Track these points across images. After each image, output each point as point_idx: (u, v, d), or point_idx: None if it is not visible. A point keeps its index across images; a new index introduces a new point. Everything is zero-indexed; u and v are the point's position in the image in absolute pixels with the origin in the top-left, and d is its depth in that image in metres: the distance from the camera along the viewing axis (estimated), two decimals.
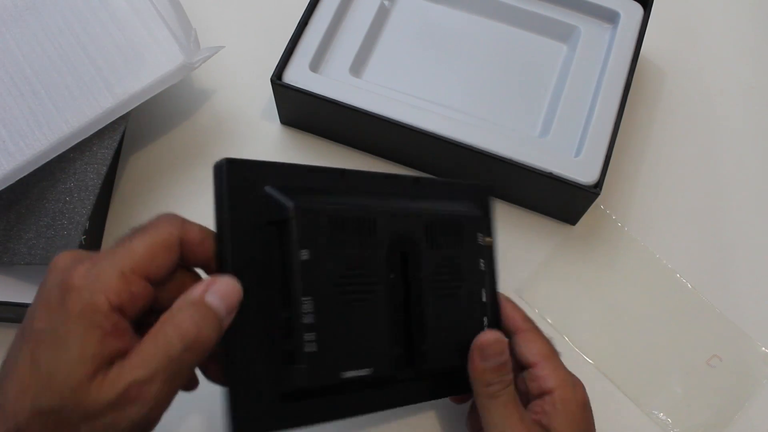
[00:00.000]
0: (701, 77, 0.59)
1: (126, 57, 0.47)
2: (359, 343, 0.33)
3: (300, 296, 0.31)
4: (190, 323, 0.27)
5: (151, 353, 0.27)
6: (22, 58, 0.45)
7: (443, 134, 0.48)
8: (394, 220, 0.36)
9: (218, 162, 0.32)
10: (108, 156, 0.46)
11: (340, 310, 0.32)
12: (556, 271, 0.51)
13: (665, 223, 0.53)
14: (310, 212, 0.32)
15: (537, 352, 0.38)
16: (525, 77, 0.54)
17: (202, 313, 0.28)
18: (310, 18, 0.52)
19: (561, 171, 0.47)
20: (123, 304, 0.27)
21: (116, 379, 0.26)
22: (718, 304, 0.50)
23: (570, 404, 0.37)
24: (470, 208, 0.41)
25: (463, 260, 0.39)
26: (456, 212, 0.40)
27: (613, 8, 0.54)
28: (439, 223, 0.38)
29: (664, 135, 0.56)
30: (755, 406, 0.47)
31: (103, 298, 0.27)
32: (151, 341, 0.27)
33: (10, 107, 0.44)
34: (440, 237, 0.38)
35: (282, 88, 0.50)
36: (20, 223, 0.44)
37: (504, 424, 0.35)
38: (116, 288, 0.27)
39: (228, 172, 0.31)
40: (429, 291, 0.37)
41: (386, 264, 0.35)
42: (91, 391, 0.26)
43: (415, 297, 0.36)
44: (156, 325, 0.28)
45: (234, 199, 0.31)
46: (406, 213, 0.37)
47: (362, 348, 0.33)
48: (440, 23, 0.56)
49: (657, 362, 0.48)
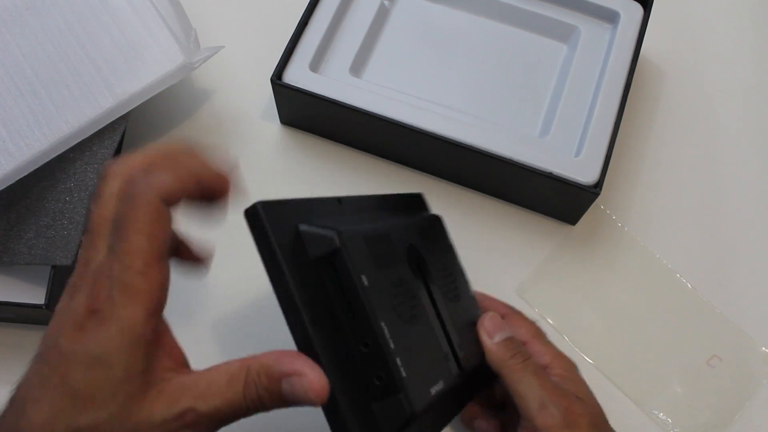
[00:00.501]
0: (701, 77, 0.59)
1: (126, 57, 0.47)
2: (428, 359, 0.33)
3: (378, 323, 0.29)
4: (262, 402, 0.27)
5: (219, 393, 0.27)
6: (23, 58, 0.45)
7: (443, 134, 0.48)
8: (401, 232, 0.36)
9: (252, 207, 0.29)
10: (108, 156, 0.46)
11: (404, 330, 0.31)
12: (556, 271, 0.51)
13: (665, 223, 0.53)
14: (352, 237, 0.30)
15: (525, 332, 0.40)
16: (525, 77, 0.54)
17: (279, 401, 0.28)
18: (310, 18, 0.53)
19: (561, 171, 0.47)
20: (156, 305, 0.27)
21: (176, 398, 0.26)
22: (718, 304, 0.50)
23: (572, 372, 0.39)
24: (433, 217, 0.42)
25: (449, 260, 0.41)
26: (423, 217, 0.41)
27: (613, 8, 0.54)
28: (423, 229, 0.39)
29: (664, 135, 0.56)
30: (755, 406, 0.47)
31: (140, 310, 0.26)
32: (226, 382, 0.27)
33: (10, 107, 0.44)
34: (430, 242, 0.39)
35: (282, 88, 0.50)
36: (20, 223, 0.44)
37: (543, 394, 0.35)
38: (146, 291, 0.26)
39: (267, 216, 0.29)
40: (442, 297, 0.37)
41: (414, 276, 0.35)
42: (144, 406, 0.26)
43: (439, 303, 0.36)
44: (238, 365, 0.27)
45: (280, 244, 0.29)
46: (402, 225, 0.37)
47: (431, 363, 0.33)
48: (440, 23, 0.56)
49: (657, 362, 0.48)
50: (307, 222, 0.30)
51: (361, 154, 0.54)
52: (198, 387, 0.27)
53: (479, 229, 0.52)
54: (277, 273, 0.29)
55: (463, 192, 0.53)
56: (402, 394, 0.29)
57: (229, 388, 0.27)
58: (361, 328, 0.29)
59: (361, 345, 0.29)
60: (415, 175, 0.54)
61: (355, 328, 0.29)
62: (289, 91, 0.50)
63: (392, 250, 0.34)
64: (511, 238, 0.51)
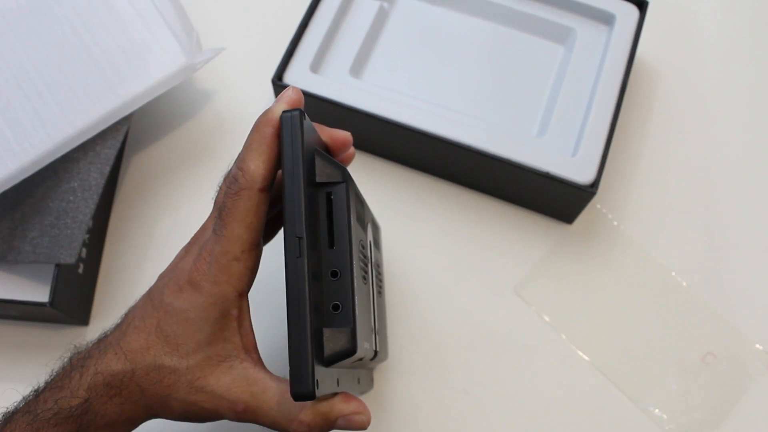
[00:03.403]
0: (696, 78, 0.59)
1: (129, 59, 0.47)
2: (365, 319, 0.33)
3: (352, 260, 0.30)
4: None
5: (270, 407, 0.31)
6: (27, 59, 0.46)
7: (442, 134, 0.48)
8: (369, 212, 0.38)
9: (292, 111, 0.30)
10: (111, 156, 0.47)
11: (361, 282, 0.32)
12: (552, 270, 0.51)
13: (660, 222, 0.53)
14: (352, 181, 0.32)
15: None
16: (522, 78, 0.54)
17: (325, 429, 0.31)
18: (311, 20, 0.53)
19: (558, 171, 0.47)
20: (244, 287, 0.31)
21: (239, 383, 0.31)
22: (712, 301, 0.50)
23: None
24: None
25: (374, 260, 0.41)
26: None
27: (609, 10, 0.54)
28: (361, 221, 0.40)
29: (660, 135, 0.57)
30: (749, 402, 0.47)
31: (231, 289, 0.30)
32: (284, 405, 0.31)
33: (14, 108, 0.45)
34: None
35: (282, 89, 0.50)
36: (24, 222, 0.45)
37: None
38: (238, 275, 0.31)
39: (301, 124, 0.30)
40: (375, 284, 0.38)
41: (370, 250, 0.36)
42: (213, 373, 0.31)
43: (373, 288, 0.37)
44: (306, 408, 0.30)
45: (303, 154, 0.30)
46: None
47: (366, 321, 0.33)
48: (439, 25, 0.56)
49: (652, 359, 0.48)
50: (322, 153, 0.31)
51: (360, 154, 0.55)
52: (258, 386, 0.31)
53: (477, 228, 0.52)
54: (295, 175, 0.29)
55: (461, 191, 0.54)
56: (353, 326, 0.30)
57: (282, 409, 0.31)
58: (336, 258, 0.30)
59: (330, 274, 0.30)
60: (413, 175, 0.54)
61: (330, 258, 0.30)
62: None
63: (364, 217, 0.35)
64: (509, 236, 0.52)
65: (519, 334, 0.49)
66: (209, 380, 0.31)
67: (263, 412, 0.31)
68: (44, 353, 0.36)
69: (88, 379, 0.31)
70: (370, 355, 0.34)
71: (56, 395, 0.31)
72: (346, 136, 0.35)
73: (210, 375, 0.31)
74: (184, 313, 0.31)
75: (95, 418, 0.31)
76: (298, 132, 0.29)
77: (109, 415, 0.31)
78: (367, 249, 0.36)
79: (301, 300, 0.28)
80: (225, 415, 0.31)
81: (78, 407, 0.31)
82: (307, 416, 0.30)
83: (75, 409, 0.31)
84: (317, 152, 0.31)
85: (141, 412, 0.32)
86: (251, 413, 0.31)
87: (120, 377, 0.31)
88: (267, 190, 0.31)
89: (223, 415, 0.31)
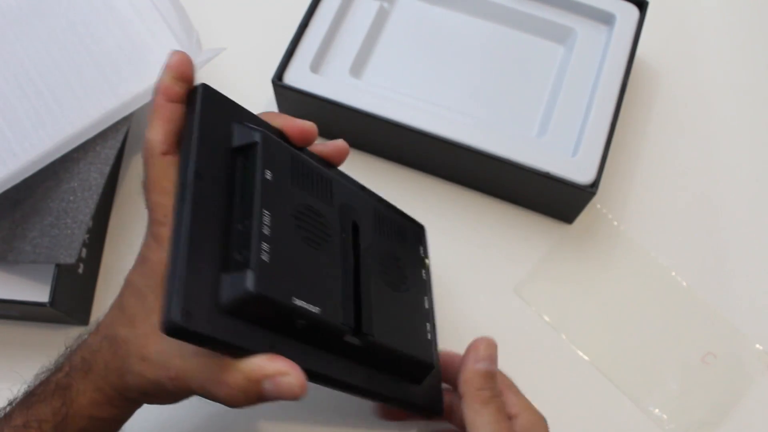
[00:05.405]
0: (696, 78, 0.60)
1: (129, 58, 0.47)
2: (312, 280, 0.32)
3: (260, 208, 0.31)
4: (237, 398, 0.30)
5: (199, 370, 0.30)
6: (27, 59, 0.46)
7: (442, 134, 0.48)
8: (347, 191, 0.38)
9: (197, 85, 0.34)
10: (111, 156, 0.47)
11: (296, 241, 0.32)
12: (552, 270, 0.51)
13: (660, 222, 0.53)
14: (276, 144, 0.34)
15: (500, 381, 0.39)
16: (522, 78, 0.54)
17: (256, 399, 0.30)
18: (311, 20, 0.53)
19: (558, 171, 0.48)
20: None
21: (173, 353, 0.30)
22: (712, 301, 0.50)
23: (539, 427, 0.38)
24: (416, 226, 0.44)
25: (406, 260, 0.41)
26: (400, 220, 0.42)
27: (608, 10, 0.54)
28: (385, 217, 0.40)
29: (660, 135, 0.57)
30: (749, 403, 0.47)
31: (165, 253, 0.30)
32: (211, 369, 0.30)
33: (15, 108, 0.45)
34: (386, 228, 0.40)
35: (283, 89, 0.51)
36: (25, 222, 0.45)
37: (494, 427, 0.35)
38: (167, 237, 0.31)
39: (203, 95, 0.33)
40: (375, 269, 0.37)
41: (339, 222, 0.36)
42: (157, 342, 0.30)
43: (364, 268, 0.37)
44: (233, 370, 0.30)
45: (205, 120, 0.32)
46: (359, 195, 0.39)
47: (315, 286, 0.32)
48: (439, 25, 0.56)
49: (652, 359, 0.48)
50: (248, 125, 0.34)
51: (360, 154, 0.55)
52: (188, 349, 0.30)
53: (477, 228, 0.52)
54: (187, 138, 0.32)
55: (461, 191, 0.54)
56: (251, 271, 0.29)
57: (209, 372, 0.30)
58: (245, 209, 0.31)
59: (239, 224, 0.31)
60: (413, 175, 0.54)
61: (241, 211, 0.31)
62: (289, 92, 0.51)
63: (324, 190, 0.36)
64: (509, 236, 0.52)
65: (519, 334, 0.49)
66: (150, 348, 0.31)
67: (191, 376, 0.30)
68: (44, 353, 0.36)
69: (70, 354, 0.33)
70: (339, 320, 0.33)
71: (49, 373, 0.33)
72: (304, 125, 0.36)
73: (152, 343, 0.31)
74: (136, 284, 0.32)
75: (77, 397, 0.32)
76: (200, 101, 0.33)
77: (88, 393, 0.32)
78: (332, 217, 0.36)
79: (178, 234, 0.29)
80: (164, 384, 0.31)
81: (63, 380, 0.32)
82: (232, 377, 0.29)
83: (60, 382, 0.32)
84: (236, 122, 0.34)
85: (111, 391, 0.32)
86: (182, 379, 0.30)
87: (91, 350, 0.32)
88: (170, 153, 0.32)
89: (164, 384, 0.31)
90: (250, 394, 0.29)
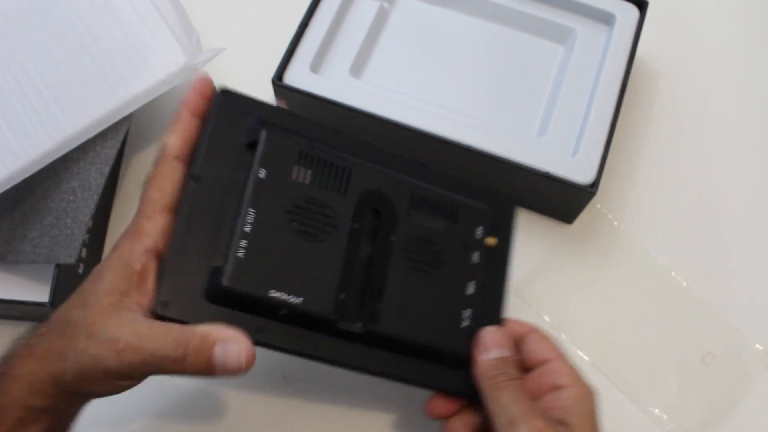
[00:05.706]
0: (696, 78, 0.60)
1: (129, 59, 0.47)
2: (297, 272, 0.34)
3: (247, 207, 0.33)
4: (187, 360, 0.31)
5: (151, 338, 0.31)
6: (27, 59, 0.46)
7: (442, 135, 0.48)
8: (373, 177, 0.37)
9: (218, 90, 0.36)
10: (111, 156, 0.47)
11: (284, 234, 0.34)
12: (553, 270, 0.51)
13: (660, 222, 0.53)
14: (280, 141, 0.35)
15: (551, 350, 0.38)
16: (522, 78, 0.54)
17: (204, 366, 0.31)
18: (311, 20, 0.53)
19: (558, 171, 0.47)
20: (151, 245, 0.33)
21: (124, 327, 0.31)
22: (712, 301, 0.50)
23: (588, 401, 0.36)
24: (477, 204, 0.41)
25: (449, 244, 0.39)
26: (455, 199, 0.40)
27: (609, 10, 0.54)
28: (428, 198, 0.39)
29: (660, 135, 0.57)
30: (749, 402, 0.47)
31: (138, 244, 0.33)
32: (163, 331, 0.31)
33: (14, 108, 0.45)
34: (425, 209, 0.39)
35: (283, 89, 0.51)
36: (25, 222, 0.45)
37: (512, 408, 0.34)
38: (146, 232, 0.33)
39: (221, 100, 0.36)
40: (397, 256, 0.37)
41: (352, 213, 0.36)
42: (107, 322, 0.31)
43: (381, 256, 0.37)
44: (185, 332, 0.31)
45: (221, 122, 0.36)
46: (392, 177, 0.38)
47: (300, 277, 0.34)
48: (439, 25, 0.56)
49: (652, 359, 0.48)
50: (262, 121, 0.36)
51: None
52: (141, 326, 0.31)
53: None
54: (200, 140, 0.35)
55: None
56: (227, 267, 0.32)
57: (162, 337, 0.31)
58: (237, 208, 0.34)
59: (232, 222, 0.34)
60: None
61: (233, 209, 0.34)
62: (289, 92, 0.51)
63: (338, 180, 0.36)
64: None
65: None
66: (98, 327, 0.31)
67: (144, 340, 0.31)
68: None
69: (19, 343, 0.33)
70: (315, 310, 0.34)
71: None
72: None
73: (101, 323, 0.31)
74: (99, 269, 0.33)
75: (12, 384, 0.31)
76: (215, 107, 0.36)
77: (21, 378, 0.31)
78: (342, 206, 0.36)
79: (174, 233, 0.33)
80: (107, 358, 0.31)
81: (1, 365, 0.32)
82: (187, 337, 0.31)
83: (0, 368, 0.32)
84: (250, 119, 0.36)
85: (45, 376, 0.31)
86: (132, 350, 0.30)
87: (38, 334, 0.33)
88: (182, 160, 0.35)
89: (106, 362, 0.31)
90: (200, 358, 0.31)
